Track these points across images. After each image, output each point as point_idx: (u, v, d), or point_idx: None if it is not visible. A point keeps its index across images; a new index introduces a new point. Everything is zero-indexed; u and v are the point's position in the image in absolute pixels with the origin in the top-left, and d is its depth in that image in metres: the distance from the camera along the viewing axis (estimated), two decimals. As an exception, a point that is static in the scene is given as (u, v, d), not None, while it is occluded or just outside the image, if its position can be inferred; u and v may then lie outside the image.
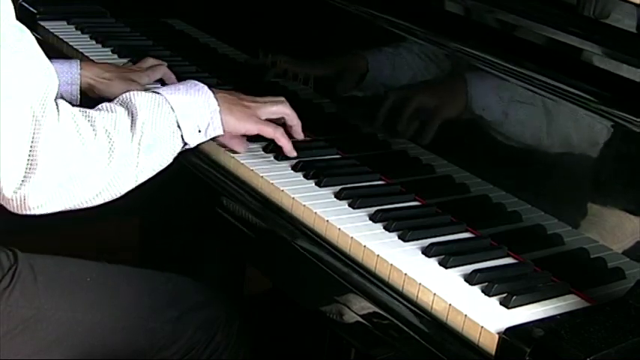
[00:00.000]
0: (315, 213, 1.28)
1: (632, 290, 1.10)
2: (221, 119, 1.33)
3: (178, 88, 1.31)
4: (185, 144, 1.30)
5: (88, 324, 1.35)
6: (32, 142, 1.10)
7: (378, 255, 1.19)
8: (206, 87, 1.33)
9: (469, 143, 1.36)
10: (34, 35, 1.14)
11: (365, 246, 1.20)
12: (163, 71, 1.67)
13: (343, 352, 1.75)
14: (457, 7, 1.38)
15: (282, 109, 1.43)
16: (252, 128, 1.38)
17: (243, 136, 1.41)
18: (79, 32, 1.95)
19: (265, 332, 2.01)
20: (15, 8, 1.13)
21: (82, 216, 1.26)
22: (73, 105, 1.56)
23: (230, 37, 1.83)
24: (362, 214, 1.30)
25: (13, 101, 1.08)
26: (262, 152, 1.46)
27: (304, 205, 1.30)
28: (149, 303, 1.42)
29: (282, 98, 1.45)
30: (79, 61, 1.59)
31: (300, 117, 1.58)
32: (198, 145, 1.33)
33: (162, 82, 1.67)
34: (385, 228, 1.26)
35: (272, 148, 1.47)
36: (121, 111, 1.22)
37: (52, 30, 1.93)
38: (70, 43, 1.86)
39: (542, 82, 1.23)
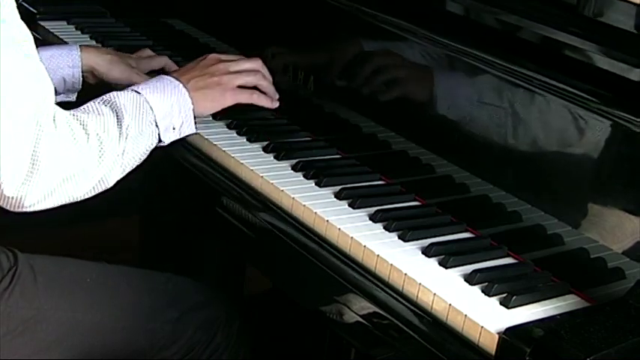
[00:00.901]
0: (315, 213, 1.28)
1: (632, 290, 1.10)
2: (194, 116, 1.38)
3: (156, 87, 1.35)
4: (160, 141, 1.34)
5: (88, 324, 1.35)
6: (35, 145, 1.14)
7: (378, 255, 1.19)
8: (181, 84, 1.37)
9: (469, 143, 1.35)
10: (33, 35, 1.14)
11: (365, 246, 1.20)
12: (164, 62, 1.69)
13: (343, 352, 1.75)
14: (457, 6, 1.38)
15: (254, 79, 1.47)
16: (229, 102, 1.43)
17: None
18: (79, 32, 1.95)
19: (265, 332, 2.01)
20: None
21: (82, 216, 1.26)
22: (77, 90, 1.60)
23: (230, 37, 1.83)
24: (362, 214, 1.30)
25: (19, 110, 1.12)
26: (262, 152, 1.46)
27: (304, 205, 1.30)
28: (149, 303, 1.42)
29: (258, 62, 1.49)
30: (78, 45, 1.62)
31: (300, 117, 1.59)
32: (171, 142, 1.37)
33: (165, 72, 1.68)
34: (385, 228, 1.26)
35: (272, 148, 1.47)
36: (108, 112, 1.27)
37: (52, 30, 1.93)
38: (70, 44, 1.86)
39: (542, 82, 1.23)
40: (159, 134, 1.33)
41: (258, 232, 1.35)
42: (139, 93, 1.32)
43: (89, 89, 1.61)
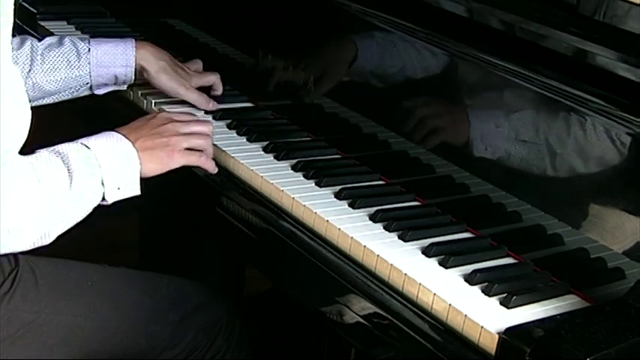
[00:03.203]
0: (315, 213, 1.28)
1: (632, 290, 1.10)
2: (140, 178, 1.34)
3: (107, 144, 1.31)
4: (104, 199, 1.31)
5: (89, 328, 1.35)
6: None
7: (378, 255, 1.19)
8: (131, 144, 1.33)
9: (469, 143, 1.35)
10: (33, 35, 1.14)
11: (365, 246, 1.20)
12: (213, 80, 1.67)
13: (343, 352, 1.75)
14: (456, 6, 1.38)
15: (204, 144, 1.42)
16: (177, 164, 1.38)
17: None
18: (79, 32, 1.95)
19: (265, 332, 2.01)
20: (15, 8, 1.13)
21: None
22: (129, 84, 1.59)
23: (230, 37, 1.83)
24: (362, 214, 1.30)
25: None
26: (262, 152, 1.46)
27: (304, 205, 1.30)
28: (150, 306, 1.42)
29: (208, 125, 1.45)
30: (134, 40, 1.59)
31: (300, 117, 1.59)
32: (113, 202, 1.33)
33: (207, 90, 1.66)
34: (385, 228, 1.26)
35: (272, 148, 1.47)
36: (59, 164, 1.24)
37: (52, 30, 1.93)
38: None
39: (542, 82, 1.23)
40: (103, 193, 1.29)
41: (258, 232, 1.35)
42: (89, 149, 1.29)
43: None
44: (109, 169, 1.29)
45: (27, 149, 1.21)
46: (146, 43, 1.62)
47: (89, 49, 1.55)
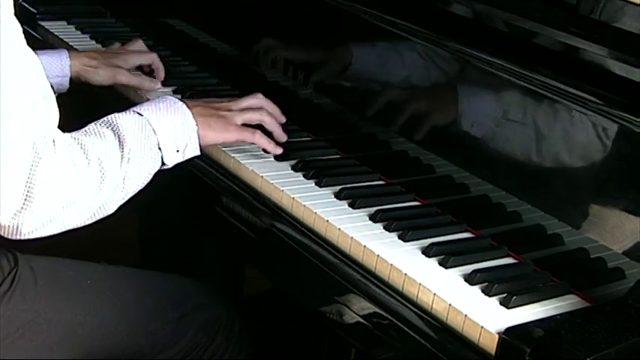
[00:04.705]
0: (315, 213, 1.28)
1: (632, 290, 1.10)
2: (198, 137, 1.33)
3: (159, 108, 1.31)
4: (163, 164, 1.30)
5: (88, 326, 1.35)
6: (30, 174, 1.10)
7: (378, 255, 1.19)
8: (184, 105, 1.33)
9: (469, 143, 1.35)
10: (33, 35, 1.14)
11: (365, 246, 1.20)
12: (151, 59, 1.68)
13: (343, 352, 1.75)
14: (456, 7, 1.38)
15: (259, 116, 1.43)
16: (231, 137, 1.38)
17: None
18: (79, 32, 1.95)
19: (265, 332, 2.01)
20: (15, 8, 1.13)
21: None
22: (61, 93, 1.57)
23: (230, 37, 1.83)
24: (362, 214, 1.30)
25: (17, 133, 1.09)
26: (262, 152, 1.46)
27: (304, 205, 1.30)
28: (150, 304, 1.42)
29: (259, 98, 1.44)
30: (67, 51, 1.61)
31: (300, 117, 1.58)
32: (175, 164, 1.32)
33: (150, 71, 1.69)
34: (385, 228, 1.26)
35: (272, 148, 1.47)
36: (109, 136, 1.23)
37: (52, 30, 1.93)
38: (70, 43, 1.86)
39: (542, 82, 1.23)
40: (162, 157, 1.29)
41: (258, 232, 1.35)
42: (141, 115, 1.28)
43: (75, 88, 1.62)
44: (164, 132, 1.28)
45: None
46: (77, 51, 1.67)
47: None
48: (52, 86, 1.53)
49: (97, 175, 1.19)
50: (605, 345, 0.99)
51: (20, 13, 1.13)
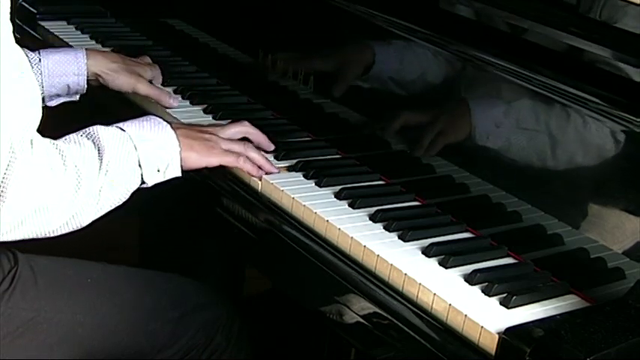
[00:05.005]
0: (315, 213, 1.28)
1: (632, 290, 1.10)
2: (181, 159, 1.32)
3: (142, 126, 1.30)
4: (143, 182, 1.29)
5: (88, 325, 1.35)
6: (5, 174, 1.09)
7: (378, 255, 1.19)
8: (169, 126, 1.33)
9: (469, 143, 1.35)
10: (33, 35, 1.14)
11: (365, 246, 1.20)
12: (156, 72, 1.68)
13: (343, 352, 1.75)
14: (457, 7, 1.38)
15: (242, 128, 1.43)
16: (214, 161, 1.37)
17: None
18: (79, 32, 1.95)
19: (265, 332, 2.01)
20: (15, 8, 1.12)
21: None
22: (80, 95, 1.58)
23: (230, 37, 1.83)
24: (362, 214, 1.30)
25: None
26: (262, 152, 1.46)
27: (304, 205, 1.30)
28: (149, 304, 1.42)
29: (246, 125, 1.44)
30: (85, 50, 1.60)
31: (300, 117, 1.59)
32: (154, 185, 1.31)
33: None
34: (385, 228, 1.26)
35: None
36: (89, 146, 1.22)
37: (52, 30, 1.93)
38: (70, 43, 1.86)
39: (542, 82, 1.23)
40: (141, 174, 1.28)
41: (258, 232, 1.35)
42: (124, 130, 1.28)
43: (93, 91, 1.61)
44: (146, 149, 1.27)
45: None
46: (96, 51, 1.64)
47: (40, 59, 1.55)
48: (68, 86, 1.55)
49: (73, 182, 1.18)
50: (605, 345, 0.99)
51: (20, 13, 1.13)
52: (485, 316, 1.07)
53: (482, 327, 1.05)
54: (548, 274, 1.19)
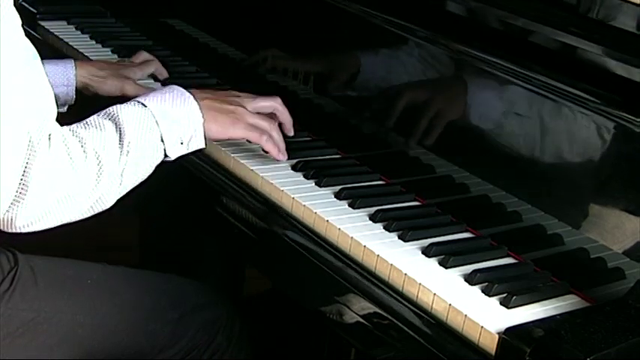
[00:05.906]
0: (315, 213, 1.28)
1: (632, 290, 1.10)
2: (204, 130, 1.31)
3: (165, 98, 1.28)
4: (166, 156, 1.29)
5: (88, 326, 1.35)
6: (25, 167, 1.09)
7: (378, 255, 1.19)
8: (192, 97, 1.31)
9: (469, 143, 1.36)
10: (33, 35, 1.14)
11: (365, 246, 1.20)
12: (155, 66, 1.69)
13: (343, 352, 1.75)
14: (457, 7, 1.38)
15: (272, 104, 1.41)
16: (238, 134, 1.36)
17: None
18: (79, 32, 1.95)
19: (265, 332, 2.01)
20: (15, 5, 1.12)
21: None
22: (70, 106, 1.57)
23: (230, 37, 1.83)
24: (362, 214, 1.30)
25: (13, 125, 1.08)
26: (262, 152, 1.46)
27: (304, 205, 1.30)
28: (150, 304, 1.42)
29: (276, 102, 1.42)
30: (73, 61, 1.60)
31: (300, 117, 1.58)
32: (178, 157, 1.30)
33: (154, 77, 1.70)
34: (385, 228, 1.26)
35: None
36: (109, 127, 1.21)
37: (52, 30, 1.93)
38: (70, 43, 1.86)
39: (542, 82, 1.23)
40: (164, 149, 1.27)
41: (258, 232, 1.35)
42: (145, 105, 1.26)
43: (83, 100, 1.61)
44: (168, 123, 1.26)
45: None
46: (85, 61, 1.65)
47: None
48: (57, 97, 1.54)
49: (94, 168, 1.18)
50: (605, 345, 0.99)
51: (20, 13, 1.13)
52: (486, 316, 1.07)
53: (482, 327, 1.05)
54: (548, 274, 1.19)
